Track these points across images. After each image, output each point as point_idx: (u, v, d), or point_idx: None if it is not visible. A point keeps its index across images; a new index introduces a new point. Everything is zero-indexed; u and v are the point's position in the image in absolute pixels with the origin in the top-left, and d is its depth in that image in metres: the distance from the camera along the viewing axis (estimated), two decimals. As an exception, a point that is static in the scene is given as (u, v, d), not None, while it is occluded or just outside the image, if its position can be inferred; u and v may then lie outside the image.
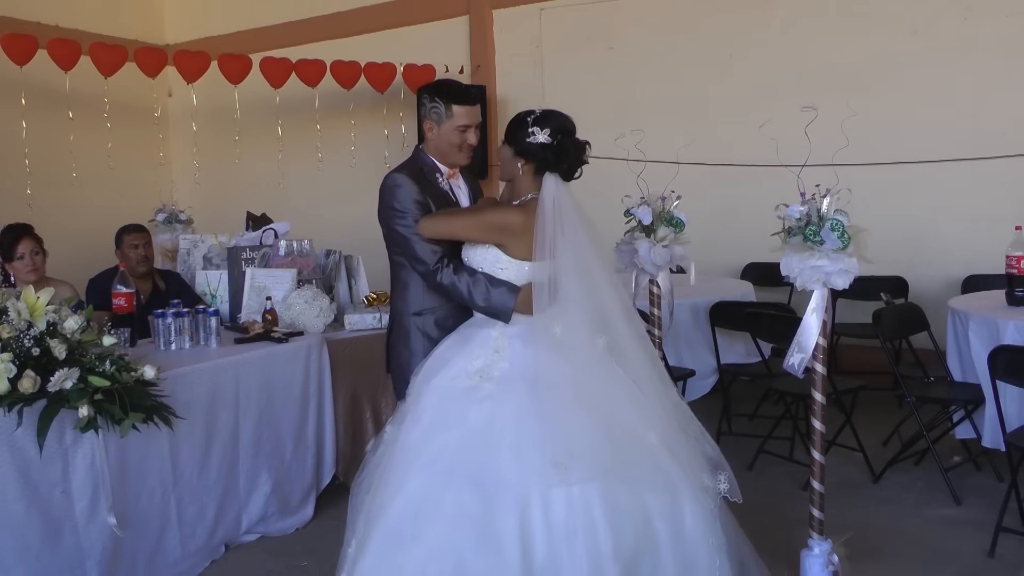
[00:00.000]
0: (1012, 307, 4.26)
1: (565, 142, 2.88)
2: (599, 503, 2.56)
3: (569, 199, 2.86)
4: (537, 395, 2.68)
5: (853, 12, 6.20)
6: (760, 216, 3.37)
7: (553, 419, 2.63)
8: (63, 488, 3.10)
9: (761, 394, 5.49)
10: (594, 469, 2.58)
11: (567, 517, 2.55)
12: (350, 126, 7.53)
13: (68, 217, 7.21)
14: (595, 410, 2.66)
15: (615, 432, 2.65)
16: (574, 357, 2.73)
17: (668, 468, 2.67)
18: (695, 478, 2.71)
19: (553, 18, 7.28)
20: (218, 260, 5.15)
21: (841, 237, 2.78)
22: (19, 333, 3.02)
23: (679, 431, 2.79)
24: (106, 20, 8.09)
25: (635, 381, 2.77)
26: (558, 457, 2.57)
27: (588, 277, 2.80)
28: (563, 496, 2.56)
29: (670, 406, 2.84)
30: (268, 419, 3.95)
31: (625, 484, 2.61)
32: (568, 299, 2.76)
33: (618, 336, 2.80)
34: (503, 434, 2.66)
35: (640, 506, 2.61)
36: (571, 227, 2.82)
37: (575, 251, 2.78)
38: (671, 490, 2.66)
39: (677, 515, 2.65)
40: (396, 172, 3.13)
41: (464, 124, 3.10)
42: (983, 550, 3.65)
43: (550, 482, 2.55)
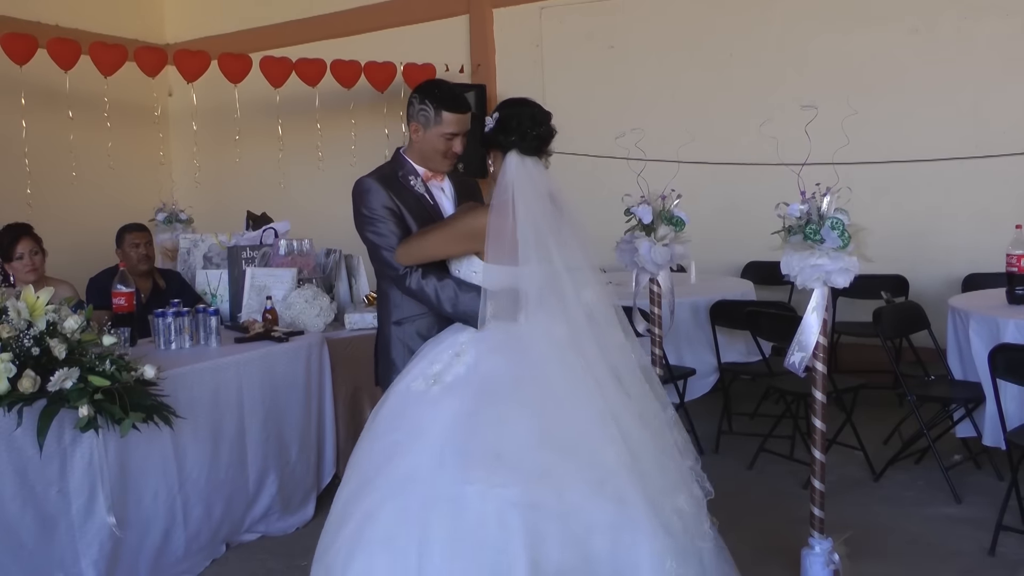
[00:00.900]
0: (1012, 305, 4.25)
1: (506, 113, 2.75)
2: (519, 511, 2.34)
3: (535, 178, 2.70)
4: (478, 397, 2.52)
5: (853, 11, 6.20)
6: (760, 215, 3.38)
7: (484, 421, 2.46)
8: (59, 487, 3.10)
9: (762, 393, 5.49)
10: (520, 473, 2.37)
11: (478, 523, 2.35)
12: (350, 125, 7.53)
13: (68, 217, 7.21)
14: (537, 412, 2.46)
15: (556, 436, 2.44)
16: (529, 353, 2.56)
17: (620, 481, 2.41)
18: (660, 496, 2.46)
19: (553, 17, 7.27)
20: (218, 259, 5.15)
21: (841, 236, 2.78)
22: (19, 333, 3.02)
23: (651, 441, 2.55)
24: (106, 20, 8.09)
25: (600, 380, 2.55)
26: (477, 457, 2.39)
27: (550, 264, 2.61)
28: (476, 500, 2.36)
29: (646, 412, 2.61)
30: (272, 419, 3.95)
31: (559, 493, 2.37)
32: (528, 290, 2.60)
33: (584, 329, 2.60)
34: (432, 436, 2.51)
35: (576, 519, 2.36)
36: (527, 212, 2.63)
37: (535, 238, 2.60)
38: (621, 505, 2.39)
39: (624, 532, 2.38)
40: (367, 176, 3.05)
41: (452, 132, 2.98)
42: (983, 548, 3.65)
43: (462, 481, 2.38)
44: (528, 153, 2.73)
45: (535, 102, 2.82)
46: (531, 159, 2.74)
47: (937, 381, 4.58)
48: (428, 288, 2.87)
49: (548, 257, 2.61)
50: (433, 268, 2.89)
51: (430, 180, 3.07)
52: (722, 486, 4.41)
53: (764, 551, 3.56)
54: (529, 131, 2.72)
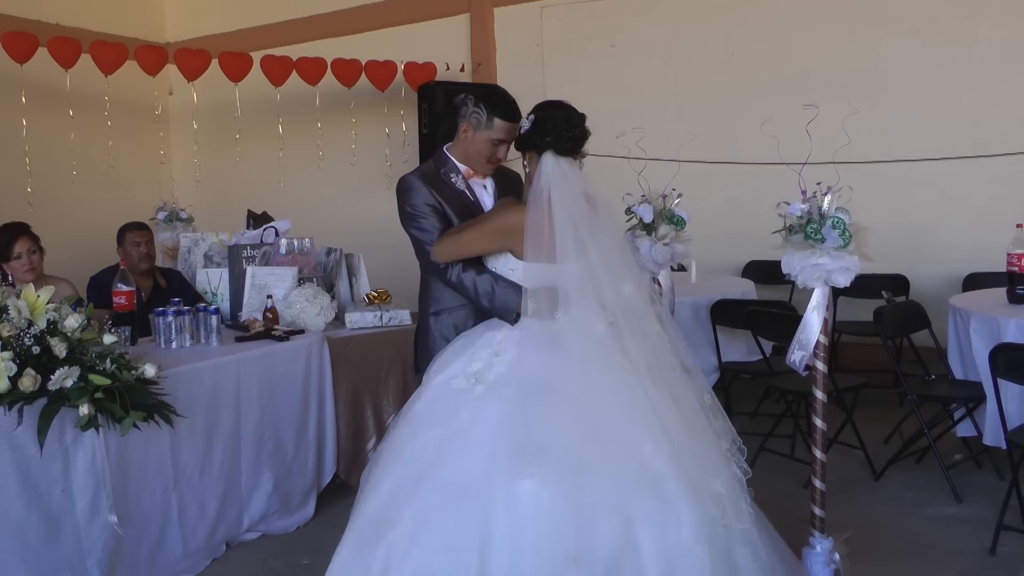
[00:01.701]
0: (1013, 305, 4.25)
1: (542, 115, 2.84)
2: (567, 503, 2.44)
3: (570, 179, 2.80)
4: (522, 397, 2.60)
5: (854, 10, 6.20)
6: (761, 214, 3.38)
7: (530, 419, 2.55)
8: (64, 487, 3.10)
9: (762, 392, 5.49)
10: (565, 467, 2.46)
11: (531, 517, 2.44)
12: (351, 124, 7.53)
13: (69, 215, 7.21)
14: (578, 408, 2.56)
15: (598, 431, 2.53)
16: (568, 350, 2.64)
17: (660, 470, 2.51)
18: (698, 483, 2.53)
19: (554, 16, 7.27)
20: (219, 258, 5.15)
21: (842, 235, 2.78)
22: (19, 331, 3.01)
23: (688, 430, 2.63)
24: (107, 18, 8.09)
25: (639, 372, 2.64)
26: (527, 454, 2.48)
27: (587, 261, 2.71)
28: (529, 495, 2.45)
29: (682, 400, 2.69)
30: (270, 418, 3.95)
31: (601, 485, 2.47)
32: (567, 287, 2.69)
33: (621, 324, 2.70)
34: (481, 437, 2.58)
35: (619, 510, 2.46)
36: (564, 211, 2.72)
37: (573, 236, 2.70)
38: (660, 494, 2.49)
39: (667, 521, 2.47)
40: (409, 175, 3.17)
41: (500, 139, 3.06)
42: (984, 548, 3.65)
43: (515, 478, 2.47)
44: (563, 154, 2.83)
45: (569, 104, 2.91)
46: (565, 159, 2.84)
47: (938, 380, 4.58)
48: (467, 281, 2.98)
49: (585, 254, 2.70)
50: (473, 263, 2.99)
51: (472, 177, 3.14)
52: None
53: (764, 550, 3.56)
54: (564, 132, 2.83)
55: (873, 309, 4.67)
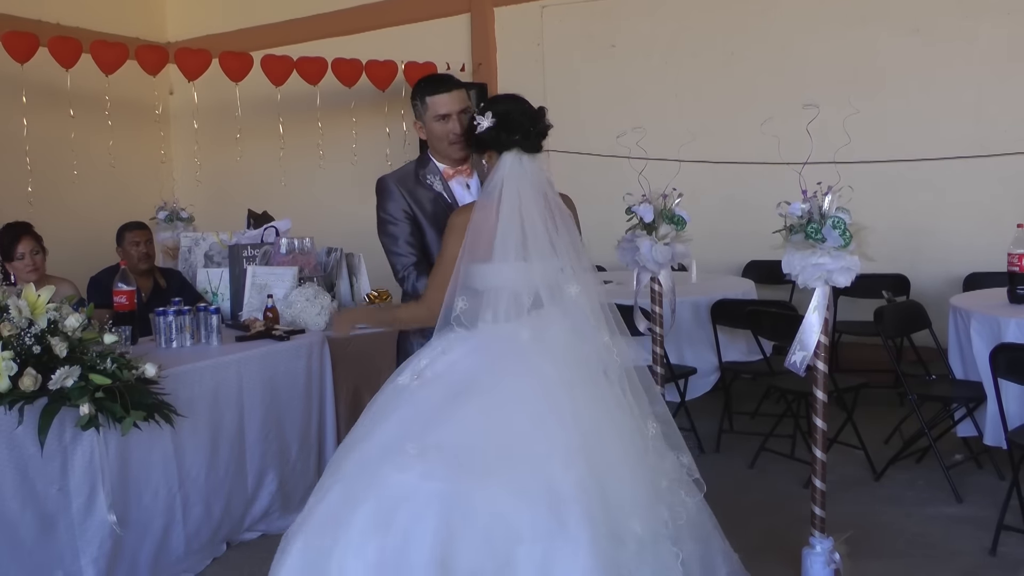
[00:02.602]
0: (1014, 305, 4.25)
1: (505, 113, 2.71)
2: (441, 505, 2.28)
3: (531, 176, 2.67)
4: (444, 393, 2.50)
5: (855, 10, 6.19)
6: (762, 214, 3.37)
7: (441, 415, 2.44)
8: (60, 485, 3.10)
9: (763, 392, 5.49)
10: (457, 468, 2.31)
11: (394, 509, 2.30)
12: (351, 124, 7.53)
13: (69, 215, 7.22)
14: (492, 414, 2.42)
15: (505, 440, 2.37)
16: (497, 356, 2.52)
17: (564, 493, 2.29)
18: (608, 516, 2.31)
19: (554, 16, 7.27)
20: (219, 258, 5.15)
21: (843, 235, 2.78)
22: (20, 331, 3.02)
23: (614, 458, 2.41)
24: (107, 18, 8.09)
25: (567, 384, 2.48)
26: (421, 449, 2.35)
27: (524, 264, 2.58)
28: (401, 487, 2.31)
29: (619, 424, 2.50)
30: (273, 417, 3.96)
31: (491, 493, 2.28)
32: (500, 288, 2.58)
33: (553, 330, 2.56)
34: (389, 425, 2.49)
35: (503, 524, 2.26)
36: (512, 210, 2.60)
37: (518, 236, 2.58)
38: (557, 518, 2.27)
39: (555, 548, 2.24)
40: (387, 176, 3.11)
41: (441, 112, 2.98)
42: (984, 548, 3.65)
43: (398, 469, 2.34)
44: (529, 151, 2.71)
45: (522, 97, 2.81)
46: (528, 156, 2.71)
47: (938, 380, 4.58)
48: (421, 288, 2.92)
49: (526, 257, 2.58)
50: (429, 270, 2.91)
51: (453, 177, 3.07)
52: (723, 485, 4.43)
53: (765, 550, 3.55)
54: (531, 128, 2.71)
55: (873, 309, 4.67)
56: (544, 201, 2.66)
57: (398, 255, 3.05)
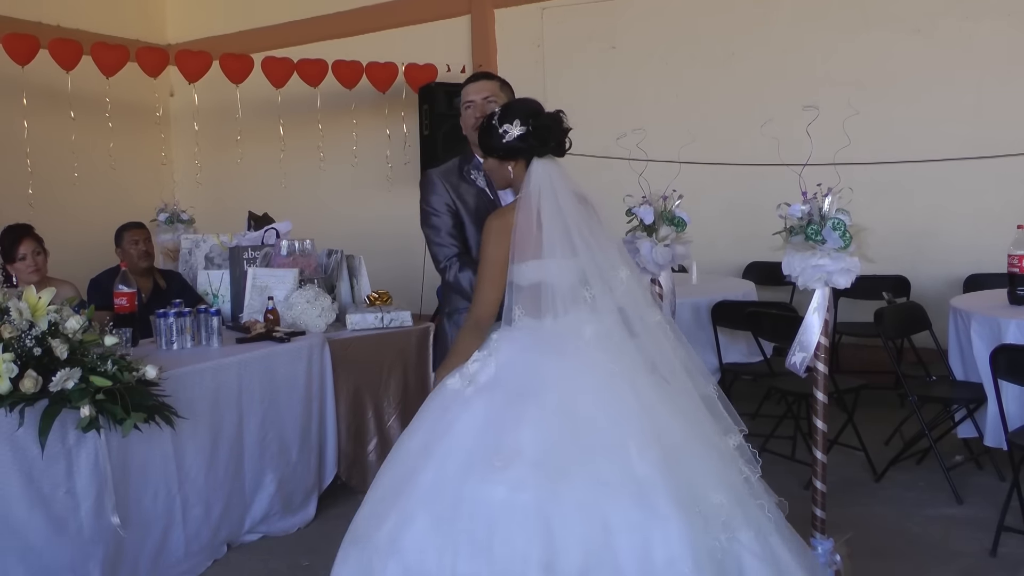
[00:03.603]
0: (1014, 306, 4.25)
1: (541, 122, 2.74)
2: (540, 508, 2.32)
3: (562, 180, 2.71)
4: (506, 398, 2.52)
5: (855, 11, 6.20)
6: (762, 215, 3.38)
7: (508, 421, 2.46)
8: (67, 488, 3.09)
9: (763, 393, 5.48)
10: (541, 471, 2.36)
11: (496, 523, 2.34)
12: (352, 125, 7.53)
13: (70, 217, 7.22)
14: (559, 411, 2.45)
15: (578, 435, 2.42)
16: (556, 352, 2.56)
17: (646, 477, 2.35)
18: (692, 492, 2.37)
19: (554, 17, 7.28)
20: (220, 260, 5.15)
21: (843, 236, 2.78)
22: (21, 333, 3.02)
23: (685, 435, 2.48)
24: (107, 20, 8.10)
25: (632, 372, 2.53)
26: (502, 458, 2.38)
27: (577, 258, 2.63)
28: (497, 501, 2.35)
29: (682, 400, 2.56)
30: (272, 419, 3.95)
31: (578, 490, 2.34)
32: (555, 284, 2.61)
33: (611, 321, 2.60)
34: (461, 441, 2.49)
35: (596, 516, 2.32)
36: (553, 209, 2.65)
37: (562, 233, 2.63)
38: (645, 503, 2.33)
39: (650, 532, 2.30)
40: (433, 170, 3.19)
41: (468, 101, 3.08)
42: (985, 549, 3.65)
43: (487, 483, 2.38)
44: (560, 155, 2.78)
45: (537, 101, 2.83)
46: (551, 160, 2.76)
47: (938, 381, 4.58)
48: (464, 281, 2.98)
49: (574, 251, 2.63)
50: (471, 262, 2.96)
51: None
52: (723, 486, 4.42)
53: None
54: (561, 135, 2.76)
55: (874, 310, 4.67)
56: (577, 199, 2.72)
57: (440, 246, 3.10)
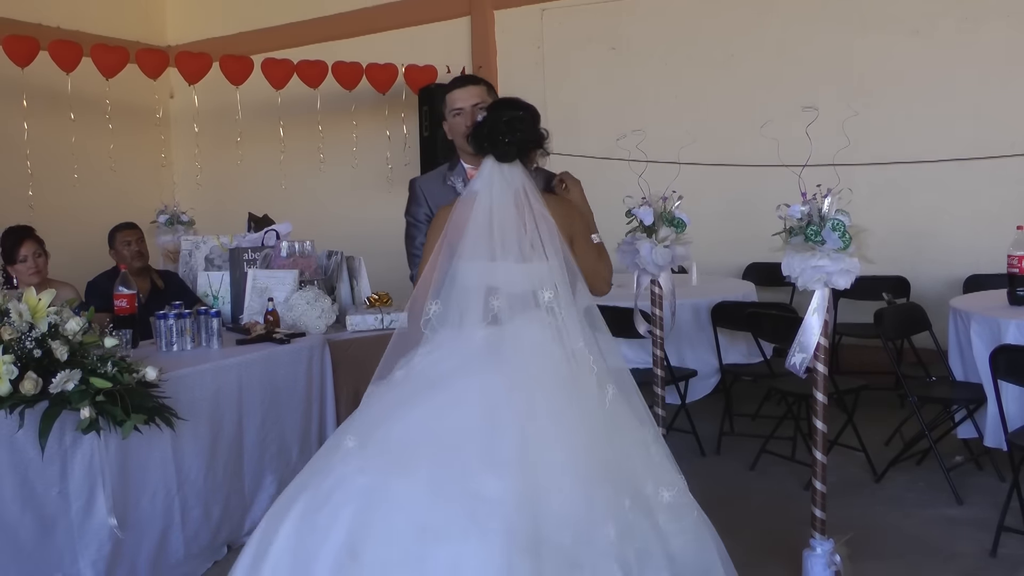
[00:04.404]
0: (1014, 307, 4.25)
1: (487, 118, 2.72)
2: (365, 497, 2.30)
3: (505, 177, 2.63)
4: (403, 393, 2.52)
5: (854, 12, 6.20)
6: (761, 216, 3.38)
7: (391, 413, 2.48)
8: (60, 488, 3.09)
9: (763, 394, 5.49)
10: (386, 462, 2.33)
11: (323, 500, 2.34)
12: (352, 127, 7.54)
13: (70, 218, 7.21)
14: (435, 412, 2.41)
15: (441, 439, 2.34)
16: (452, 354, 2.52)
17: (490, 499, 2.23)
18: (535, 524, 2.21)
19: (554, 19, 7.28)
20: (220, 261, 5.15)
21: (842, 237, 2.78)
22: (21, 335, 3.01)
23: (566, 467, 2.31)
24: (108, 22, 8.10)
25: (521, 387, 2.42)
26: (358, 441, 2.42)
27: (492, 259, 2.56)
28: (338, 481, 2.36)
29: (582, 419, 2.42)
30: (272, 420, 3.95)
31: (411, 491, 2.27)
32: (464, 287, 2.56)
33: (513, 334, 2.51)
34: (349, 427, 2.56)
35: (418, 520, 2.23)
36: (485, 209, 2.59)
37: (485, 235, 2.57)
38: (477, 522, 2.20)
39: (468, 549, 2.18)
40: (416, 179, 3.19)
41: (456, 108, 3.01)
42: (985, 549, 3.65)
43: (339, 462, 2.41)
44: (501, 159, 2.67)
45: (518, 101, 2.80)
46: (506, 166, 2.67)
47: (938, 382, 4.58)
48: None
49: (493, 255, 2.55)
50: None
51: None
52: (723, 487, 4.44)
53: (765, 552, 3.56)
54: (500, 138, 2.66)
55: (874, 311, 4.67)
56: (518, 206, 2.61)
57: (413, 255, 3.13)
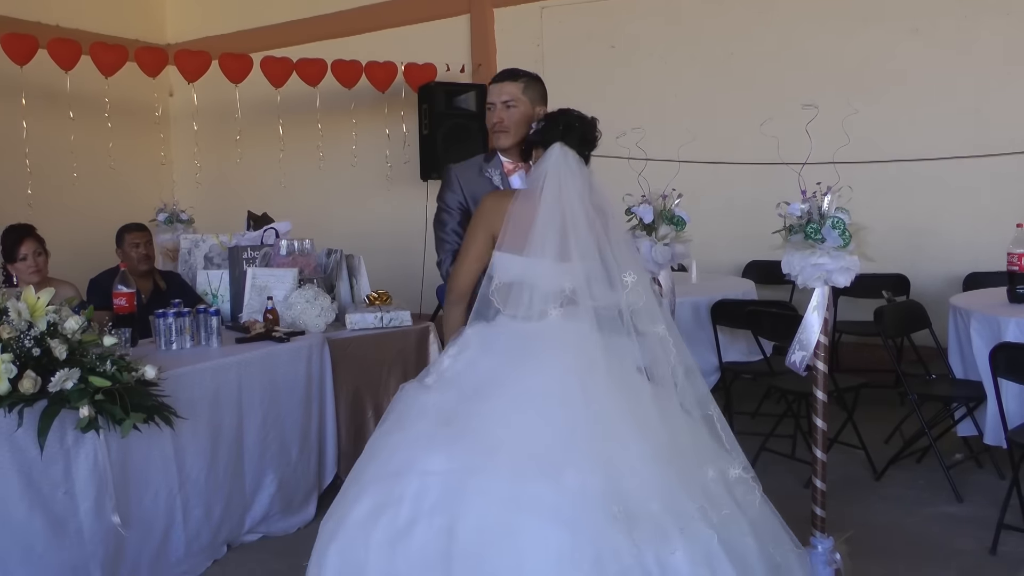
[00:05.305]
0: (1013, 304, 4.25)
1: (556, 113, 2.84)
2: (460, 481, 2.32)
3: (571, 175, 2.63)
4: (456, 399, 2.49)
5: (854, 10, 6.20)
6: (761, 214, 3.38)
7: (457, 414, 2.45)
8: (66, 489, 3.09)
9: (763, 392, 5.49)
10: (469, 450, 2.35)
11: (420, 514, 2.32)
12: (351, 125, 7.53)
13: (69, 217, 7.22)
14: (504, 413, 2.39)
15: (516, 439, 2.34)
16: (506, 352, 2.49)
17: (570, 485, 2.26)
18: (598, 504, 2.25)
19: (554, 17, 7.28)
20: (219, 260, 5.15)
21: (842, 235, 2.78)
22: (20, 333, 3.01)
23: (644, 456, 2.34)
24: (107, 20, 8.10)
25: (587, 382, 2.42)
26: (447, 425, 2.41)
27: (562, 260, 2.53)
28: (416, 489, 2.35)
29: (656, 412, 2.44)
30: (273, 419, 3.95)
31: (496, 477, 2.29)
32: (532, 289, 2.52)
33: (575, 326, 2.50)
34: (411, 438, 2.50)
35: (504, 502, 2.27)
36: (553, 202, 2.55)
37: (559, 232, 2.53)
38: (560, 504, 2.24)
39: (548, 524, 2.22)
40: (454, 165, 3.18)
41: (488, 102, 3.10)
42: (985, 547, 3.65)
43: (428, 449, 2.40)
44: (575, 148, 2.74)
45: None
46: (574, 154, 2.73)
47: (938, 380, 4.58)
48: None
49: (564, 255, 2.53)
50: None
51: (514, 173, 3.10)
52: (723, 485, 4.42)
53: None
54: (576, 124, 2.77)
55: (874, 309, 4.67)
56: (588, 202, 2.62)
57: (443, 241, 3.12)
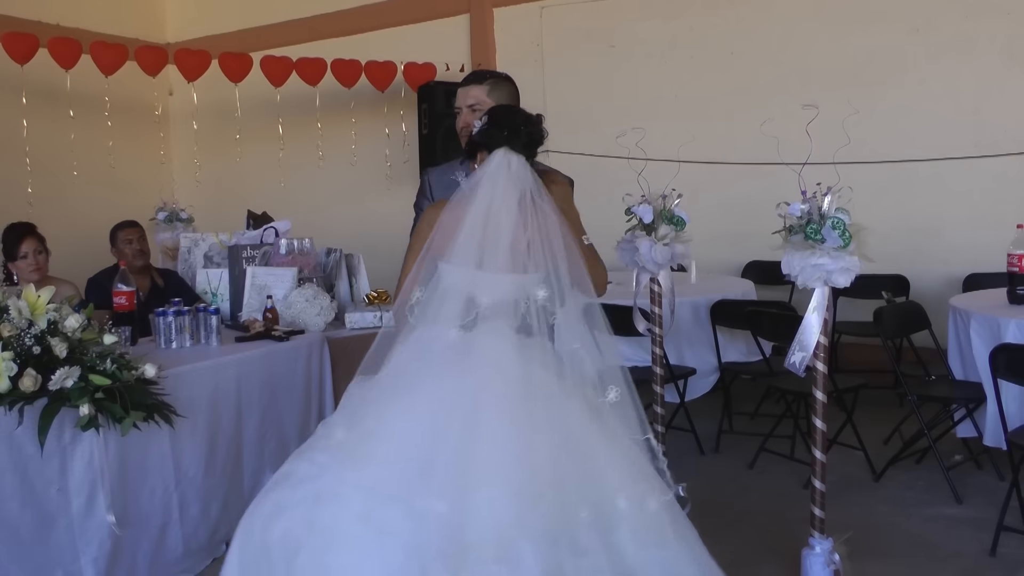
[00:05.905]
0: (1013, 305, 4.25)
1: (498, 111, 2.68)
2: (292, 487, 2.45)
3: (512, 176, 2.51)
4: (371, 393, 2.47)
5: (854, 10, 6.20)
6: (761, 214, 3.38)
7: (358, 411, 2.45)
8: (59, 486, 3.09)
9: (762, 392, 5.49)
10: (343, 453, 2.35)
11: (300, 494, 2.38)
12: (351, 124, 7.53)
13: (69, 216, 7.21)
14: (393, 414, 2.36)
15: (397, 444, 2.29)
16: (416, 354, 2.44)
17: (420, 508, 2.18)
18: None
19: (554, 16, 7.28)
20: (219, 259, 5.15)
21: (842, 235, 2.78)
22: (20, 332, 3.01)
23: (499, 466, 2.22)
24: (107, 19, 8.10)
25: (485, 390, 2.34)
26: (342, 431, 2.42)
27: (479, 267, 2.45)
28: (302, 474, 2.42)
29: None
30: (271, 417, 3.95)
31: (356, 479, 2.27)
32: (445, 289, 2.47)
33: (486, 336, 2.43)
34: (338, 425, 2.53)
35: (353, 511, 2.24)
36: (481, 210, 2.46)
37: (477, 237, 2.45)
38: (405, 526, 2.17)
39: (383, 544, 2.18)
40: (429, 168, 3.20)
41: (456, 106, 3.08)
42: (984, 549, 3.65)
43: (306, 461, 2.46)
44: (519, 150, 2.57)
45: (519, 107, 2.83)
46: (516, 157, 2.56)
47: (938, 381, 4.58)
48: None
49: (481, 263, 2.45)
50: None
51: None
52: (723, 486, 4.44)
53: (764, 551, 3.56)
54: (521, 127, 2.59)
55: (873, 309, 4.67)
56: (522, 209, 2.49)
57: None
